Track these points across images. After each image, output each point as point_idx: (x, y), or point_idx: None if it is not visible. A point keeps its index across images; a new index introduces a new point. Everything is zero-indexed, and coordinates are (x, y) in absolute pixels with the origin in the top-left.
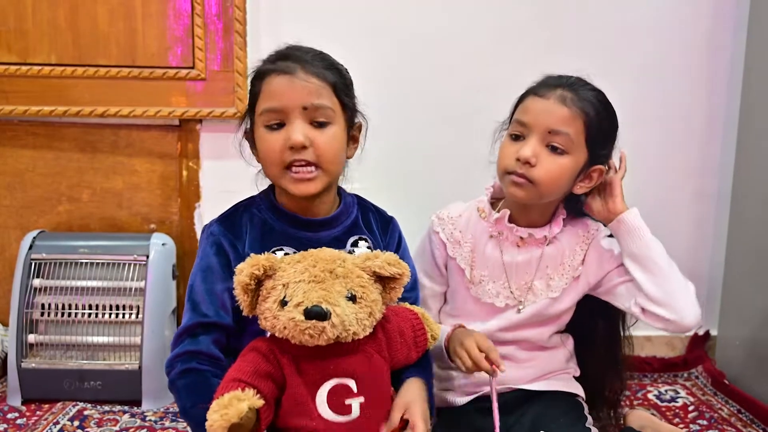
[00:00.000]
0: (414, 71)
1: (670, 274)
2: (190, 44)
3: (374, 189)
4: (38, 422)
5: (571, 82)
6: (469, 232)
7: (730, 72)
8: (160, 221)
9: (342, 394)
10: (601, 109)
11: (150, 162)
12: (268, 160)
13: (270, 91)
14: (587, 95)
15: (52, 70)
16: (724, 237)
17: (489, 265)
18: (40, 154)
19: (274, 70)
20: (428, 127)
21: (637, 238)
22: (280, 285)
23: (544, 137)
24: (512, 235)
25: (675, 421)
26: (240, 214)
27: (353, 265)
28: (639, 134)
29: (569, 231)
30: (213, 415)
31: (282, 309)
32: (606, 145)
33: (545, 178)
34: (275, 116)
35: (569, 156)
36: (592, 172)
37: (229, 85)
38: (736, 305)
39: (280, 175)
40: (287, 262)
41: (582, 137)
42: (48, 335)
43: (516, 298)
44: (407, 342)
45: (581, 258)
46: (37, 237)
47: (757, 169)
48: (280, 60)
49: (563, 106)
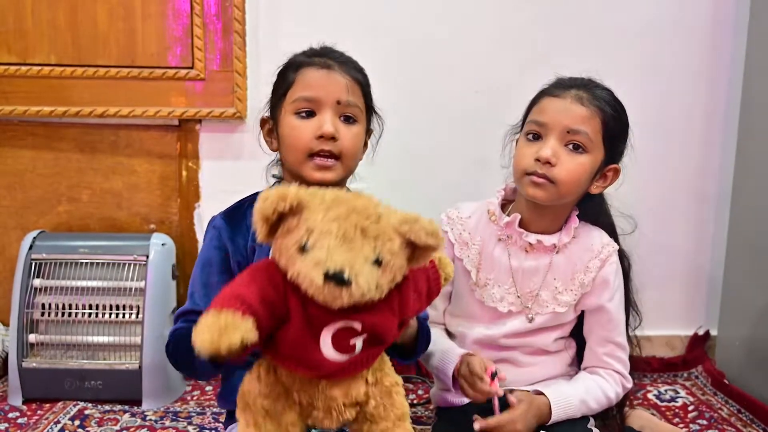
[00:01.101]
0: (414, 72)
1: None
2: (189, 44)
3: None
4: (39, 421)
5: (585, 82)
6: (478, 234)
7: (730, 72)
8: (160, 221)
9: (347, 336)
10: (616, 107)
11: (149, 162)
12: (293, 146)
13: (307, 81)
14: (601, 94)
15: (52, 71)
16: (724, 237)
17: (495, 269)
18: (39, 155)
19: (312, 63)
20: (427, 128)
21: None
22: (304, 228)
23: (563, 137)
24: (521, 240)
25: (675, 421)
26: (245, 209)
27: (388, 225)
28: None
29: (581, 242)
30: (203, 335)
31: (300, 255)
32: (621, 142)
33: (566, 178)
34: (308, 105)
35: (588, 155)
36: (608, 171)
37: (229, 86)
38: (736, 305)
39: (302, 161)
40: (317, 203)
41: (599, 136)
42: (48, 335)
43: (522, 303)
44: (421, 297)
45: (593, 277)
46: (37, 237)
47: (757, 169)
48: (316, 56)
49: (581, 105)
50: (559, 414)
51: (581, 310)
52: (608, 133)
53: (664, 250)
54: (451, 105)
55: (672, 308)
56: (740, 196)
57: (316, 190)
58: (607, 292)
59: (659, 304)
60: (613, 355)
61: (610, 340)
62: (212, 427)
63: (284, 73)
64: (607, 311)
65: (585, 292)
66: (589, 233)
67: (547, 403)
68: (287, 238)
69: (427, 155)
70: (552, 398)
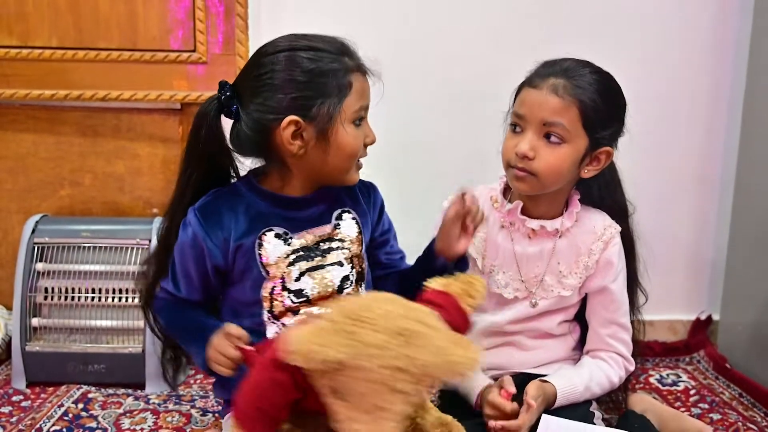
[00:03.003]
0: (416, 58)
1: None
2: (191, 27)
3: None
4: (43, 405)
5: (565, 67)
6: None
7: (735, 59)
8: (163, 205)
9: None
10: (600, 92)
11: (152, 146)
12: (352, 155)
13: (361, 90)
14: (581, 81)
15: (53, 54)
16: (727, 221)
17: (500, 255)
18: (41, 139)
19: (361, 69)
20: (429, 114)
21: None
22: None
23: (540, 129)
24: (524, 226)
25: (676, 405)
26: (220, 203)
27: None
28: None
29: (584, 225)
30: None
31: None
32: (608, 127)
33: (546, 170)
34: (364, 113)
35: (567, 145)
36: (599, 154)
37: (231, 69)
38: (739, 290)
39: (351, 168)
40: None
41: (578, 124)
42: (52, 319)
43: (527, 289)
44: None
45: (596, 259)
46: (39, 221)
47: (760, 154)
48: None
49: (555, 96)
50: (564, 400)
51: (585, 293)
52: (588, 121)
53: (668, 235)
54: (453, 92)
55: (674, 293)
56: (744, 182)
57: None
58: (611, 273)
59: (662, 288)
60: (616, 336)
61: (613, 321)
62: (215, 410)
63: (330, 79)
64: (611, 292)
65: (589, 274)
66: (591, 216)
67: (554, 391)
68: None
69: (428, 143)
70: (558, 386)
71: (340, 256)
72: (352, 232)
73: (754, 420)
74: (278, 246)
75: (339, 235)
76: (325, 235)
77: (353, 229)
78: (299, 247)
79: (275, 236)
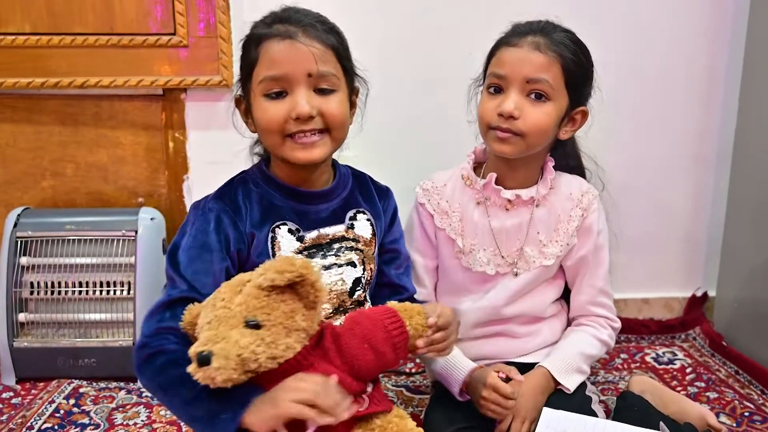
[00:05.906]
0: (402, 33)
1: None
2: (170, 8)
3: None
4: (33, 401)
5: (541, 26)
6: (456, 200)
7: (732, 32)
8: (148, 195)
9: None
10: (576, 50)
11: (134, 134)
12: (268, 130)
13: (270, 57)
14: (560, 38)
15: (27, 40)
16: (723, 198)
17: (478, 233)
18: (20, 128)
19: (273, 34)
20: (417, 90)
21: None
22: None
23: (524, 87)
24: (499, 198)
25: (673, 384)
26: (235, 191)
27: (251, 287)
28: (639, 96)
29: (560, 191)
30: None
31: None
32: (585, 84)
33: (532, 129)
34: (277, 85)
35: (552, 102)
36: (575, 114)
37: (213, 52)
38: (735, 266)
39: (280, 144)
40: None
41: (561, 81)
42: (39, 314)
43: (508, 263)
44: (377, 345)
45: (576, 225)
46: (21, 214)
47: (757, 130)
48: (277, 23)
49: (538, 52)
50: (563, 373)
51: (568, 262)
52: (570, 78)
53: (663, 211)
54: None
55: (670, 269)
56: (740, 158)
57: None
58: (591, 239)
59: (658, 265)
60: (596, 302)
61: (592, 285)
62: None
63: (247, 49)
64: (588, 259)
65: (572, 244)
66: (568, 182)
67: (545, 372)
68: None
69: (416, 119)
70: (549, 366)
71: (354, 257)
72: (367, 234)
73: (751, 398)
74: (291, 241)
75: (353, 236)
76: (338, 235)
77: (368, 230)
78: (311, 245)
79: (288, 231)
